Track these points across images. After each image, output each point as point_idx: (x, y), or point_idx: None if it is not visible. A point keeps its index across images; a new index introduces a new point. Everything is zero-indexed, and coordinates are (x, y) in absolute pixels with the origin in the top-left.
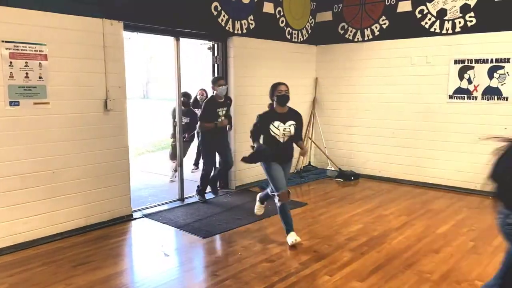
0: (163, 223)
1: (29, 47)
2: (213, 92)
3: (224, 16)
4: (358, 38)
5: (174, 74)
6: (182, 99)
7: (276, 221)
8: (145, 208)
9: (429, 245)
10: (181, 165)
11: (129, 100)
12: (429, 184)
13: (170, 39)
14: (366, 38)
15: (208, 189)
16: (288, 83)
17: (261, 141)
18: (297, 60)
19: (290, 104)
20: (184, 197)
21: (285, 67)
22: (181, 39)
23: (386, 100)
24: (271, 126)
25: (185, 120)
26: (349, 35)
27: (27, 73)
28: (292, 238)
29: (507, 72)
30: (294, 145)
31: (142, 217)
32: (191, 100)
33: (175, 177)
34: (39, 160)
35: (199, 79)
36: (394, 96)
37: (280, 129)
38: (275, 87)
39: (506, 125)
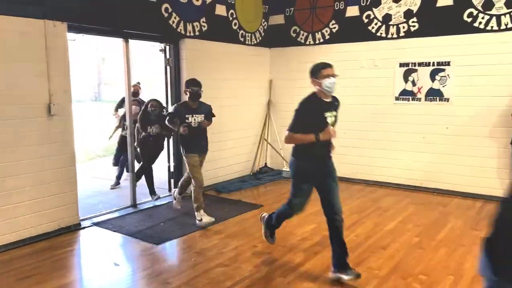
0: (114, 231)
1: None
2: (318, 91)
3: (175, 18)
4: (309, 42)
5: (124, 77)
6: (190, 89)
7: (231, 225)
8: (95, 216)
9: (377, 242)
10: (133, 170)
11: (79, 102)
12: (379, 182)
13: (119, 41)
14: (317, 42)
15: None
16: (243, 85)
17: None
18: (251, 62)
19: (243, 106)
20: (137, 203)
21: (240, 69)
22: (131, 41)
23: None
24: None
25: (199, 118)
26: (301, 39)
27: None
28: None
29: (448, 75)
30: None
31: (92, 225)
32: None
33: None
34: None
35: (154, 81)
36: (345, 98)
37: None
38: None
39: (447, 125)
